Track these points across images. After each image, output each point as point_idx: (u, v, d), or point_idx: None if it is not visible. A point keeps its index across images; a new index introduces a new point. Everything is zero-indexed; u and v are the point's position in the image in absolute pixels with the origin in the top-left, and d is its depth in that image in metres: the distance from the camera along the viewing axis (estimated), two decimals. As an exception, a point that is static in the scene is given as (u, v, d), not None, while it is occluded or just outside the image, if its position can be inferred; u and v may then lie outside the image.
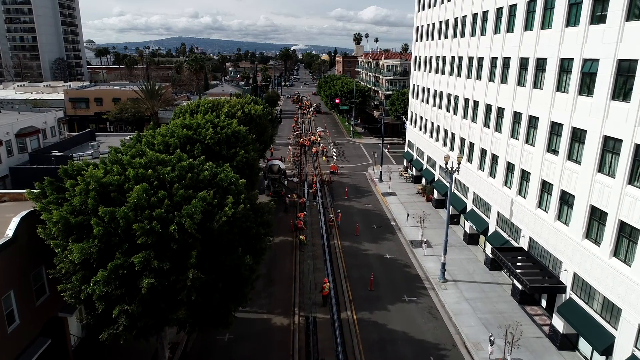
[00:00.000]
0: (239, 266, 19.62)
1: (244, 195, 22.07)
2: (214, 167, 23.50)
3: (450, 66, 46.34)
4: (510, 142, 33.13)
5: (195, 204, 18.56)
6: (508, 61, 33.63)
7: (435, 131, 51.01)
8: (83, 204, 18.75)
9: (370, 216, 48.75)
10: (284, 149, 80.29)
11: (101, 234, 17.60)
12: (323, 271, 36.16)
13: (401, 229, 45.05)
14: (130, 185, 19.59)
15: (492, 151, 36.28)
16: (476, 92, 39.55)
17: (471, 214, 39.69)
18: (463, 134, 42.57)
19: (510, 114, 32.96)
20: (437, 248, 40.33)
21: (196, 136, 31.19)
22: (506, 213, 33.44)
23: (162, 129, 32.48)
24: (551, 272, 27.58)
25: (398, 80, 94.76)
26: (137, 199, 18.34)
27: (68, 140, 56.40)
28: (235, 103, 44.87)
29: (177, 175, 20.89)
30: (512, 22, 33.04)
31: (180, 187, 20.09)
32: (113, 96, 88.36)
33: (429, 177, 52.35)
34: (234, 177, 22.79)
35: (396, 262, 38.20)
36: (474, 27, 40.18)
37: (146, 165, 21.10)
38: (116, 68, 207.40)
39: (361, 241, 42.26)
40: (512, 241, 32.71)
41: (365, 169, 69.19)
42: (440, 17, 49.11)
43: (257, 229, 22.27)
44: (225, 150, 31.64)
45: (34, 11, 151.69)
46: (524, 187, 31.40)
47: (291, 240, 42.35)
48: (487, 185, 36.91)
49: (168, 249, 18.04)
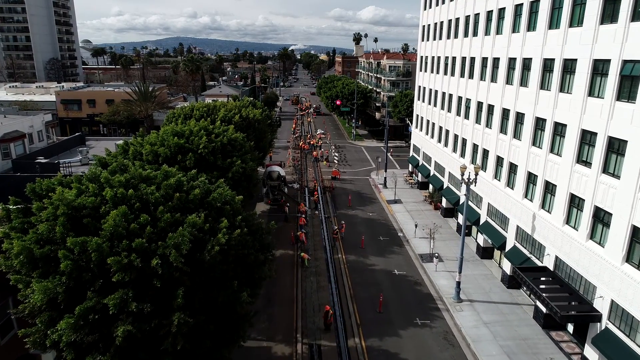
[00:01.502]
0: (234, 303, 16.80)
1: (240, 217, 19.26)
2: (207, 183, 20.69)
3: (460, 67, 43.57)
4: (532, 151, 30.37)
5: (183, 232, 15.74)
6: (529, 62, 30.87)
7: (444, 136, 48.24)
8: (51, 231, 15.91)
9: (376, 226, 45.95)
10: (283, 152, 77.46)
11: (70, 269, 14.78)
12: (327, 290, 33.37)
13: (409, 241, 42.26)
14: (107, 208, 16.77)
15: (509, 159, 33.52)
16: (491, 96, 36.78)
17: (486, 227, 36.91)
18: (476, 140, 39.81)
19: (532, 120, 30.20)
20: (448, 263, 37.58)
21: (188, 145, 28.35)
22: (527, 228, 30.68)
23: (151, 137, 29.66)
24: (582, 297, 24.81)
25: (401, 81, 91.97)
26: (113, 226, 15.52)
27: (56, 145, 53.46)
28: (232, 107, 42.04)
29: (163, 195, 18.07)
30: (533, 20, 30.27)
31: (166, 209, 17.27)
32: (106, 98, 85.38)
33: (437, 184, 49.59)
34: (229, 195, 19.99)
35: (406, 279, 35.41)
36: (488, 26, 37.42)
37: (127, 184, 18.27)
38: (112, 68, 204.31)
39: (367, 255, 39.46)
40: (534, 259, 29.94)
41: (369, 173, 66.39)
42: (450, 15, 46.34)
43: (255, 254, 19.44)
44: (221, 160, 28.81)
45: (27, 10, 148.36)
46: (549, 200, 28.63)
47: (292, 254, 39.52)
48: (503, 196, 34.14)
49: (150, 287, 15.23)
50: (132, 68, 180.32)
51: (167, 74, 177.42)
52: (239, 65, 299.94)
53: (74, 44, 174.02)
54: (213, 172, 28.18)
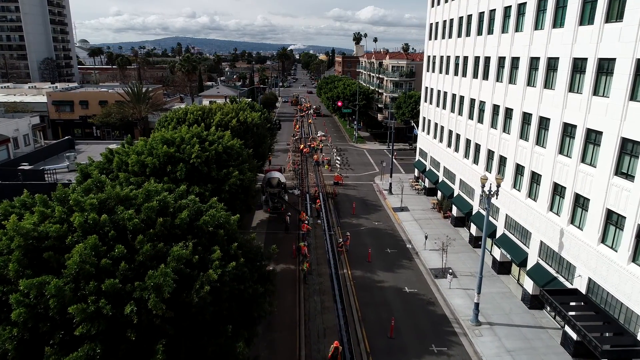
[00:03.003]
0: (227, 353, 13.94)
1: (236, 245, 16.39)
2: (197, 202, 17.81)
3: (473, 67, 40.75)
4: (559, 160, 27.54)
5: (166, 270, 12.87)
6: (554, 62, 28.05)
7: (455, 140, 45.40)
8: (3, 268, 13.05)
9: (383, 237, 43.08)
10: (283, 155, 74.58)
11: (23, 319, 11.92)
12: (332, 311, 30.51)
13: (419, 254, 39.41)
14: (75, 237, 13.91)
15: (531, 168, 30.71)
16: (509, 99, 33.97)
17: (504, 240, 34.09)
18: (491, 146, 37.00)
19: (559, 126, 27.37)
20: (463, 279, 34.77)
21: (179, 154, 25.45)
22: (553, 244, 27.85)
23: (138, 145, 26.77)
24: (622, 327, 22.01)
25: (404, 82, 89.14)
26: (79, 262, 12.65)
27: (43, 150, 50.67)
28: (229, 110, 39.13)
29: (144, 219, 15.19)
30: (560, 15, 27.43)
31: (146, 238, 14.41)
32: (99, 99, 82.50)
33: (447, 192, 46.76)
34: (223, 217, 17.11)
35: (418, 298, 32.56)
36: (506, 23, 34.61)
37: (101, 206, 15.39)
38: (109, 68, 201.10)
39: (374, 269, 36.60)
40: (562, 279, 27.11)
41: (372, 178, 63.53)
42: (461, 12, 43.51)
43: (253, 287, 16.60)
44: (215, 171, 25.91)
45: (21, 9, 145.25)
46: (580, 215, 25.80)
47: (294, 268, 36.66)
48: (524, 208, 31.33)
49: (123, 339, 12.37)
50: (128, 68, 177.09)
51: (165, 74, 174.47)
52: (237, 65, 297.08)
53: (69, 43, 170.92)
54: (207, 185, 25.34)
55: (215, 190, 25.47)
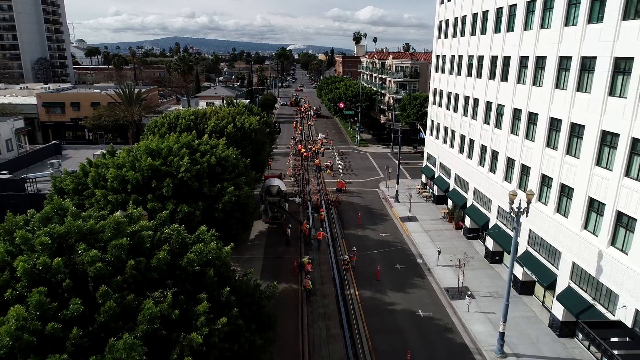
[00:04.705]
0: None
1: (228, 289, 13.21)
2: (182, 232, 14.62)
3: (489, 68, 37.60)
4: (597, 173, 24.39)
5: (132, 342, 9.66)
6: (590, 62, 24.91)
7: (468, 146, 42.25)
8: None
9: (391, 251, 39.87)
10: (282, 159, 71.31)
11: None
12: (339, 340, 27.34)
13: (431, 270, 36.25)
14: (18, 289, 10.72)
15: (561, 180, 27.57)
16: (533, 102, 30.83)
17: (527, 258, 30.94)
18: (511, 154, 33.87)
19: (597, 135, 24.23)
20: (482, 300, 31.63)
21: (166, 168, 22.23)
22: (589, 268, 24.71)
23: (120, 156, 23.57)
24: (681, 370, 18.90)
25: (408, 83, 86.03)
26: (13, 332, 9.45)
27: (27, 156, 47.34)
28: (225, 114, 35.87)
29: (112, 260, 12.00)
30: (598, 9, 24.27)
31: (113, 287, 11.23)
32: (91, 100, 79.14)
33: (459, 201, 43.61)
34: (213, 252, 13.92)
35: (433, 324, 29.39)
36: (529, 19, 31.49)
37: (58, 244, 12.19)
38: (105, 68, 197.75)
39: (384, 289, 33.43)
40: (601, 307, 23.97)
41: (377, 184, 60.36)
42: (475, 9, 40.35)
43: (250, 338, 13.45)
44: (207, 186, 22.68)
45: (14, 8, 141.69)
46: (623, 237, 22.65)
47: (296, 288, 33.48)
48: (552, 224, 28.18)
49: None
50: (124, 68, 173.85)
51: (162, 74, 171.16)
52: (236, 65, 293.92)
53: (64, 43, 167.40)
54: (197, 202, 22.13)
55: (207, 209, 22.30)
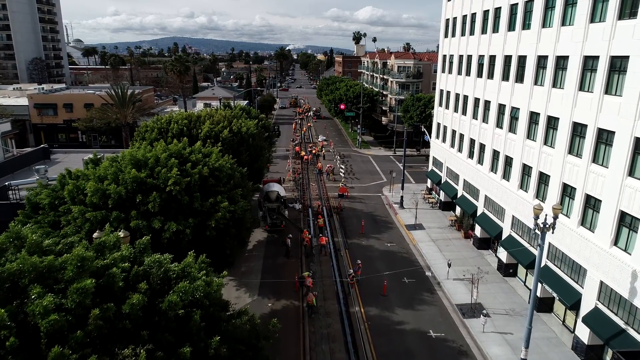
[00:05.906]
0: None
1: (218, 338, 10.89)
2: (165, 263, 12.31)
3: (502, 68, 35.34)
4: (629, 184, 22.12)
5: None
6: (622, 63, 22.64)
7: (478, 151, 39.97)
8: None
9: (397, 262, 37.55)
10: (282, 162, 69.04)
11: None
12: (345, 366, 25.07)
13: (441, 284, 33.95)
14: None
15: (586, 191, 25.30)
16: (553, 105, 28.57)
17: (546, 274, 28.65)
18: (527, 160, 31.61)
19: (630, 142, 21.96)
20: (497, 318, 29.35)
21: (152, 180, 19.88)
22: (620, 288, 22.43)
23: (102, 166, 21.24)
24: None
25: (411, 83, 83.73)
26: None
27: (13, 161, 44.92)
28: (220, 118, 33.51)
29: (72, 308, 9.68)
30: (632, 3, 22.01)
31: (71, 345, 8.92)
32: (85, 101, 76.77)
33: (468, 209, 41.32)
34: (201, 289, 11.60)
35: (446, 346, 27.10)
36: (548, 15, 29.23)
37: (8, 287, 9.86)
38: (101, 68, 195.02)
39: (391, 306, 31.12)
40: (634, 332, 21.69)
41: (380, 189, 58.03)
42: (487, 6, 38.08)
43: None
44: (199, 200, 20.33)
45: (8, 7, 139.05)
46: (662, 257, 20.41)
47: (297, 305, 31.18)
48: (575, 238, 25.91)
49: None
50: (121, 68, 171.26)
51: (159, 74, 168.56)
52: (234, 65, 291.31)
53: (60, 43, 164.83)
54: (187, 219, 19.81)
55: (198, 226, 19.97)
